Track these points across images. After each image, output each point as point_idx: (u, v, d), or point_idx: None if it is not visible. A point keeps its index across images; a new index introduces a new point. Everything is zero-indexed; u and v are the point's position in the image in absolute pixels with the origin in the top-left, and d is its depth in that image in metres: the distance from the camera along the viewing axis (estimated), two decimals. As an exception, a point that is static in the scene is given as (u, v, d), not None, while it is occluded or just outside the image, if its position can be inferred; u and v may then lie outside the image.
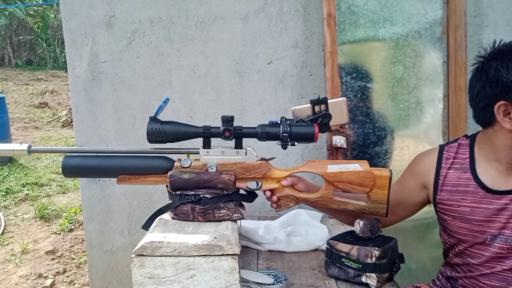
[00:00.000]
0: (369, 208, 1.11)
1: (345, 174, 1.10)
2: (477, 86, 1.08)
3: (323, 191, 1.12)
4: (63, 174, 1.11)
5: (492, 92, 1.04)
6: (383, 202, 1.10)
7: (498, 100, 1.03)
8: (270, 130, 1.08)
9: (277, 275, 1.11)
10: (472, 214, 1.12)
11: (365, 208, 1.12)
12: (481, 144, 1.14)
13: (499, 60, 1.03)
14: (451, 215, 1.16)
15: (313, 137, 1.08)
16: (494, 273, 1.11)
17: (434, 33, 1.79)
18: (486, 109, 1.06)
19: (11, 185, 4.46)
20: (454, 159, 1.17)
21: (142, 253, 0.92)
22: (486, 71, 1.05)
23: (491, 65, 1.04)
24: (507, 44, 1.06)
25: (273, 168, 1.12)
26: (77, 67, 1.86)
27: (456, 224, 1.15)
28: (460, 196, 1.13)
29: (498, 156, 1.10)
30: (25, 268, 2.96)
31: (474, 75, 1.10)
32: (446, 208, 1.16)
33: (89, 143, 1.89)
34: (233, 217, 1.07)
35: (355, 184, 1.09)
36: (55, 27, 10.94)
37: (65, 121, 7.05)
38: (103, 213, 1.94)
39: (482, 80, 1.06)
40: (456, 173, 1.15)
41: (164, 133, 1.07)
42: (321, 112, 1.11)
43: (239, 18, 1.80)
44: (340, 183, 1.10)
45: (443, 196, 1.16)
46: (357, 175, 1.09)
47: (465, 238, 1.15)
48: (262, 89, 1.83)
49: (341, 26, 1.77)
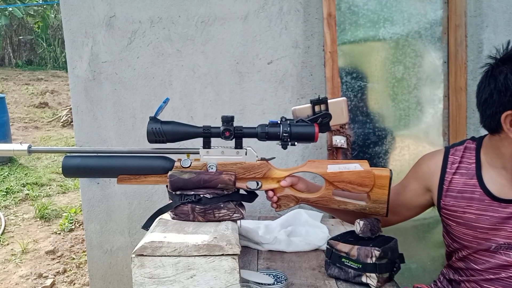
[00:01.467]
0: (369, 208, 1.11)
1: (345, 174, 1.10)
2: (485, 93, 1.03)
3: (323, 191, 1.12)
4: (63, 174, 1.11)
5: (500, 101, 0.99)
6: (383, 202, 1.10)
7: (506, 109, 0.99)
8: (270, 130, 1.08)
9: (277, 275, 1.11)
10: (477, 222, 1.09)
11: (365, 208, 1.12)
12: (487, 149, 1.11)
13: (509, 66, 0.99)
14: (455, 221, 1.14)
15: (313, 137, 1.08)
16: (499, 279, 1.09)
17: (434, 33, 1.79)
18: (493, 117, 1.02)
19: (11, 185, 4.46)
20: (459, 164, 1.13)
21: (142, 253, 0.92)
22: (496, 77, 1.00)
23: (501, 70, 1.00)
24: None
25: (273, 168, 1.12)
26: (77, 67, 1.86)
27: (460, 230, 1.13)
28: (466, 203, 1.11)
29: (504, 164, 1.06)
30: (25, 268, 2.96)
31: (483, 80, 1.05)
32: (451, 213, 1.14)
33: (89, 143, 1.89)
34: (233, 217, 1.07)
35: (355, 184, 1.09)
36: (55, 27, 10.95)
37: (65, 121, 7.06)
38: (103, 213, 1.94)
39: (490, 87, 1.02)
40: (461, 179, 1.12)
41: (164, 133, 1.07)
42: (321, 112, 1.11)
43: (239, 18, 1.80)
44: (340, 183, 1.10)
45: (447, 202, 1.14)
46: (357, 175, 1.09)
47: (469, 244, 1.13)
48: (262, 89, 1.83)
49: (341, 26, 1.77)
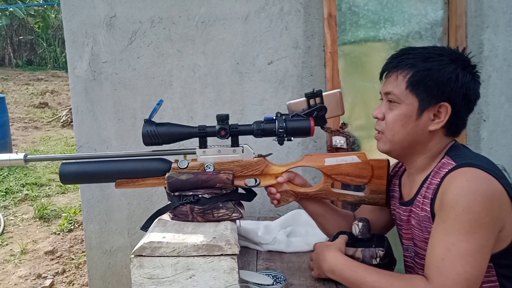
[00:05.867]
0: (369, 199, 1.11)
1: (343, 166, 1.10)
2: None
3: (322, 184, 1.12)
4: (61, 181, 1.11)
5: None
6: (382, 192, 1.10)
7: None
8: (266, 126, 1.08)
9: (277, 276, 1.11)
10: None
11: (365, 199, 1.12)
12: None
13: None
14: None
15: (309, 131, 1.08)
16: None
17: (434, 33, 1.79)
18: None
19: (11, 185, 4.45)
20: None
21: (141, 253, 0.92)
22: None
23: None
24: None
25: (270, 164, 1.12)
26: (77, 67, 1.86)
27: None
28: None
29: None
30: (24, 268, 2.95)
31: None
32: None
33: (89, 143, 1.89)
34: (232, 216, 1.07)
35: (353, 175, 1.09)
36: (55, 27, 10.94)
37: (65, 121, 7.05)
38: (103, 213, 1.93)
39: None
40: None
41: (159, 135, 1.06)
42: (316, 105, 1.10)
43: (240, 19, 1.79)
44: (338, 176, 1.10)
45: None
46: (355, 166, 1.09)
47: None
48: (262, 89, 1.82)
49: (341, 27, 1.77)
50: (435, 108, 0.96)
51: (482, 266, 0.86)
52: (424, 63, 0.95)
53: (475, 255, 0.84)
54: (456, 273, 0.84)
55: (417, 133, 0.97)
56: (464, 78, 0.95)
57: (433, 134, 0.98)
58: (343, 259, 0.99)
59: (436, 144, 0.99)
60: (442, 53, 0.97)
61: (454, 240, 0.86)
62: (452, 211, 0.86)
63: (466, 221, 0.85)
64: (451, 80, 0.94)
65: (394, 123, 0.98)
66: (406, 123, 0.97)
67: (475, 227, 0.84)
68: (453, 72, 0.95)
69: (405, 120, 0.97)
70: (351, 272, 0.95)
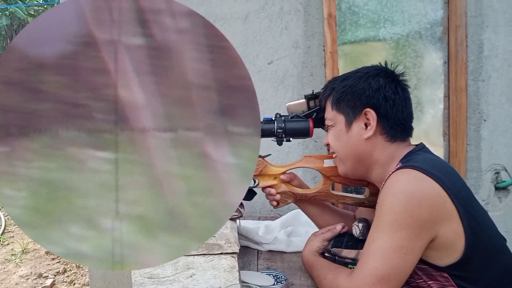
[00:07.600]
0: (368, 201, 1.10)
1: None
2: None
3: (321, 186, 1.11)
4: None
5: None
6: None
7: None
8: (265, 126, 1.08)
9: (277, 276, 1.11)
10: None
11: (364, 201, 1.11)
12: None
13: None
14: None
15: (308, 132, 1.08)
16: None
17: (434, 33, 1.79)
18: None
19: (12, 185, 4.46)
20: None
21: (142, 252, 0.92)
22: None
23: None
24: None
25: (269, 164, 1.12)
26: (77, 67, 1.86)
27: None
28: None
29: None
30: (25, 268, 2.96)
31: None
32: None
33: (89, 143, 1.89)
34: (232, 215, 1.07)
35: None
36: (56, 27, 10.95)
37: (65, 121, 7.06)
38: (103, 213, 1.94)
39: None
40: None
41: None
42: (316, 106, 1.11)
43: (240, 18, 1.80)
44: (337, 177, 1.09)
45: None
46: None
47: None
48: (262, 89, 1.83)
49: (341, 26, 1.77)
50: (363, 117, 0.99)
51: (398, 265, 0.86)
52: (341, 83, 1.02)
53: (390, 253, 0.85)
54: (367, 268, 0.87)
55: (354, 144, 1.00)
56: (377, 83, 0.99)
57: (372, 142, 0.99)
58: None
59: (382, 152, 0.99)
60: (358, 70, 1.04)
61: (374, 237, 0.88)
62: (379, 209, 0.90)
63: (387, 220, 0.87)
64: (365, 88, 0.99)
65: (332, 142, 1.03)
66: (340, 138, 1.02)
67: (395, 226, 0.86)
68: (365, 81, 1.00)
69: (338, 135, 1.02)
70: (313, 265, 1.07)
